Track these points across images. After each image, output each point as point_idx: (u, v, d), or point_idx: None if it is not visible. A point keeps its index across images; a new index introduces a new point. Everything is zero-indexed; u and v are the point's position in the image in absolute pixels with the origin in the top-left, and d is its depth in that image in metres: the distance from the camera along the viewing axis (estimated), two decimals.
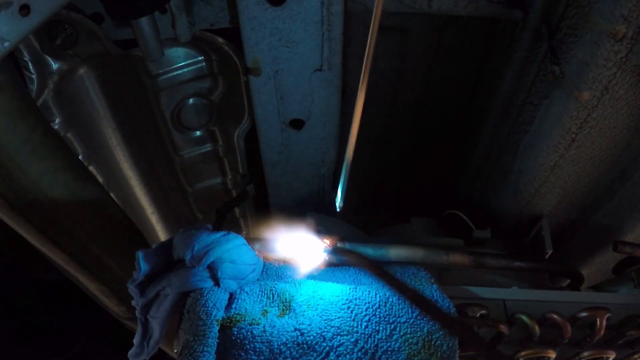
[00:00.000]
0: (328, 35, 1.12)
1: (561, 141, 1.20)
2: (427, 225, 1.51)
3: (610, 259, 1.28)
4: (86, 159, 1.36)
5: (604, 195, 1.26)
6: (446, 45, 1.39)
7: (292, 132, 1.34)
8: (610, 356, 1.00)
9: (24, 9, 0.70)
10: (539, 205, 1.42)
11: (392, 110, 1.59)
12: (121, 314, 1.32)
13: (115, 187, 1.54)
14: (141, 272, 0.88)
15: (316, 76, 1.20)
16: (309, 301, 0.90)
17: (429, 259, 1.04)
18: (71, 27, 1.08)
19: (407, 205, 2.02)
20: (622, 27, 0.95)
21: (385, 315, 0.87)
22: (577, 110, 1.12)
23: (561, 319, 0.90)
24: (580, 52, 1.04)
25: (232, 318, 0.86)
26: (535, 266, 1.19)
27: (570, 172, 1.28)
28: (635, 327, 0.95)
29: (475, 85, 1.49)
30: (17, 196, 0.89)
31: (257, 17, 1.05)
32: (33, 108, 0.89)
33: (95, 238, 1.08)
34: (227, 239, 0.89)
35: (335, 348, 0.83)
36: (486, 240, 1.48)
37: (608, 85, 1.04)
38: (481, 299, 0.94)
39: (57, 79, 1.16)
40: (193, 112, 1.47)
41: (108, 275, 1.16)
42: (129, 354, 0.91)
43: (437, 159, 1.83)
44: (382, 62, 1.42)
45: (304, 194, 1.56)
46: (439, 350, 0.84)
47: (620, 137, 1.15)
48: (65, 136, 1.26)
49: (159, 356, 1.24)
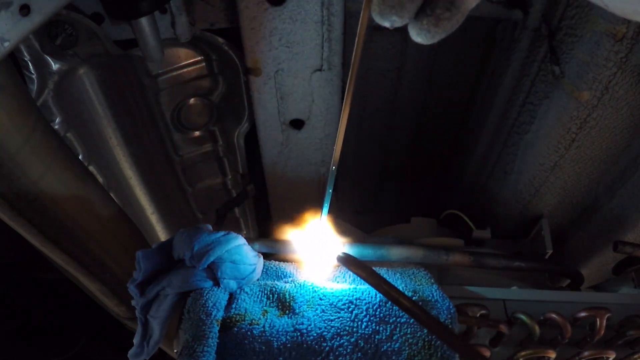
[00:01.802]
0: (328, 35, 1.12)
1: (561, 141, 1.20)
2: (427, 225, 1.51)
3: (610, 259, 1.28)
4: (86, 159, 1.36)
5: (604, 195, 1.26)
6: (446, 46, 1.39)
7: (292, 132, 1.34)
8: (610, 356, 1.00)
9: (24, 9, 0.70)
10: (539, 205, 1.42)
11: (392, 110, 1.59)
12: (121, 314, 1.32)
13: (115, 187, 1.54)
14: (141, 272, 0.88)
15: (316, 76, 1.20)
16: (309, 301, 0.90)
17: (429, 259, 1.04)
18: (71, 27, 1.08)
19: (407, 205, 2.02)
20: (622, 27, 0.95)
21: (385, 316, 0.87)
22: (577, 110, 1.12)
23: (561, 319, 0.90)
24: (580, 52, 1.04)
25: (232, 318, 0.86)
26: (535, 266, 1.19)
27: (570, 172, 1.28)
28: (635, 327, 0.95)
29: (475, 85, 1.49)
30: (17, 196, 0.89)
31: (257, 17, 1.05)
32: (33, 108, 0.89)
33: (95, 238, 1.08)
34: (227, 239, 0.89)
35: (335, 348, 0.83)
36: (486, 240, 1.48)
37: (608, 85, 1.04)
38: (481, 299, 0.94)
39: (57, 79, 1.16)
40: (193, 112, 1.47)
41: (108, 275, 1.16)
42: (129, 354, 0.91)
43: (437, 159, 1.83)
44: (382, 62, 1.42)
45: (304, 194, 1.56)
46: (439, 350, 0.84)
47: (620, 137, 1.15)
48: (65, 136, 1.26)
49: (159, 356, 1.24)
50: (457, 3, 0.51)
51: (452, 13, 0.51)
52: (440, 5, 0.51)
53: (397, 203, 2.06)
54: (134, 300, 0.90)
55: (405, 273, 0.99)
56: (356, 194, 1.94)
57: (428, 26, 0.52)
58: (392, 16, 0.52)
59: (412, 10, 0.52)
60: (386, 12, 0.52)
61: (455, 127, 1.67)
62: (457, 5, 0.51)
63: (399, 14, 0.52)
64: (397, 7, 0.51)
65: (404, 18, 0.52)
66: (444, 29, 0.52)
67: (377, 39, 1.34)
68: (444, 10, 0.51)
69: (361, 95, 1.52)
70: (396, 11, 0.51)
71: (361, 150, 1.76)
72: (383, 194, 2.01)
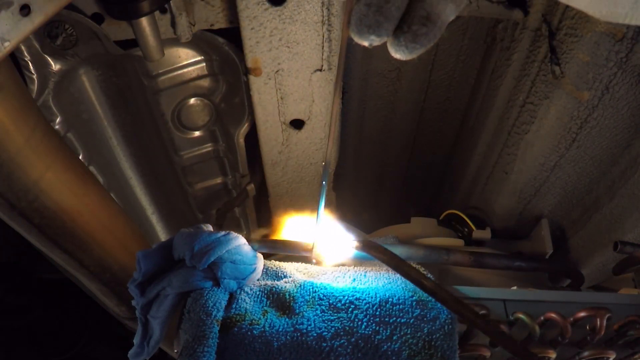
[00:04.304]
0: (328, 35, 1.12)
1: (561, 141, 1.20)
2: (427, 225, 1.51)
3: (610, 259, 1.28)
4: (86, 159, 1.36)
5: (604, 195, 1.26)
6: (446, 45, 1.39)
7: (292, 132, 1.34)
8: (610, 356, 1.00)
9: (24, 9, 0.70)
10: (539, 205, 1.42)
11: (392, 110, 1.59)
12: (121, 314, 1.32)
13: (116, 187, 1.54)
14: (141, 272, 0.88)
15: (316, 76, 1.20)
16: (309, 301, 0.90)
17: (429, 259, 1.04)
18: (71, 27, 1.08)
19: (407, 205, 2.02)
20: (622, 27, 0.95)
21: (385, 316, 0.87)
22: (577, 110, 1.12)
23: (561, 319, 0.90)
24: (581, 52, 1.04)
25: (232, 318, 0.86)
26: (535, 266, 1.19)
27: (571, 172, 1.28)
28: (635, 327, 0.95)
29: (475, 85, 1.49)
30: (17, 196, 0.89)
31: (257, 17, 1.05)
32: (33, 108, 0.89)
33: (95, 238, 1.08)
34: (227, 239, 0.89)
35: (335, 348, 0.83)
36: (486, 240, 1.48)
37: (608, 85, 1.04)
38: (481, 299, 0.94)
39: (57, 79, 1.16)
40: (193, 112, 1.47)
41: (108, 275, 1.16)
42: (129, 354, 0.91)
43: (437, 158, 1.83)
44: (382, 62, 1.42)
45: (304, 194, 1.56)
46: (439, 350, 0.84)
47: (620, 137, 1.15)
48: (65, 136, 1.26)
49: (159, 356, 1.24)
50: (433, 18, 0.51)
51: (429, 28, 0.51)
52: (416, 22, 0.51)
53: (397, 203, 2.06)
54: (134, 300, 0.90)
55: None
56: (356, 194, 1.94)
57: (406, 42, 0.53)
58: (370, 35, 0.53)
59: (389, 29, 0.52)
60: (364, 32, 0.53)
61: (455, 127, 1.67)
62: (433, 21, 0.51)
63: (377, 33, 0.52)
64: (374, 26, 0.52)
65: (381, 37, 0.53)
66: (421, 44, 0.53)
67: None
68: (420, 26, 0.51)
69: (361, 96, 1.52)
70: (373, 30, 0.52)
71: (361, 150, 1.76)
72: (383, 194, 2.01)
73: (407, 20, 0.52)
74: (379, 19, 0.51)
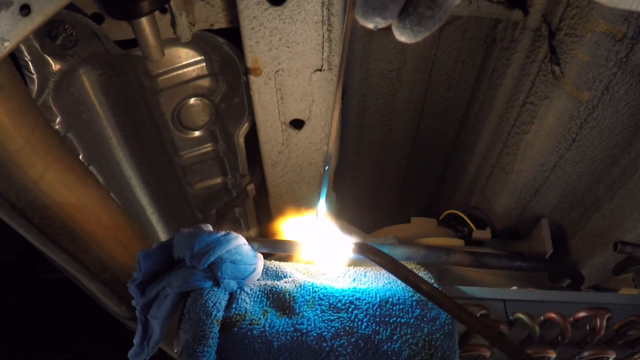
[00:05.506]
0: (328, 35, 1.12)
1: (561, 141, 1.20)
2: (427, 225, 1.51)
3: (610, 259, 1.28)
4: (86, 159, 1.36)
5: (604, 195, 1.26)
6: (446, 45, 1.39)
7: (292, 132, 1.34)
8: (610, 356, 1.00)
9: (24, 9, 0.70)
10: (538, 205, 1.42)
11: (392, 110, 1.59)
12: (121, 314, 1.32)
13: (116, 187, 1.54)
14: (141, 272, 0.88)
15: (316, 76, 1.20)
16: (309, 301, 0.90)
17: (429, 259, 1.04)
18: (71, 27, 1.08)
19: (407, 205, 2.02)
20: (622, 27, 0.95)
21: (385, 316, 0.87)
22: (577, 110, 1.12)
23: (561, 319, 0.90)
24: (581, 52, 1.04)
25: (232, 318, 0.86)
26: (535, 266, 1.20)
27: (570, 172, 1.28)
28: (635, 327, 0.95)
29: (475, 85, 1.50)
30: (17, 196, 0.89)
31: (257, 17, 1.05)
32: (33, 108, 0.89)
33: (95, 238, 1.08)
34: (227, 239, 0.89)
35: (335, 348, 0.83)
36: (486, 240, 1.48)
37: (608, 85, 1.04)
38: (481, 299, 0.94)
39: (57, 79, 1.16)
40: (193, 112, 1.47)
41: (108, 275, 1.16)
42: (129, 354, 0.91)
43: (437, 158, 1.83)
44: (382, 62, 1.42)
45: (304, 194, 1.56)
46: (439, 350, 0.84)
47: (620, 137, 1.15)
48: (65, 136, 1.26)
49: (159, 356, 1.24)
50: (439, 1, 0.51)
51: (434, 11, 0.51)
52: (422, 4, 0.51)
53: (397, 203, 2.06)
54: (134, 300, 0.90)
55: None
56: (356, 194, 1.94)
57: (411, 25, 0.53)
58: (375, 17, 0.52)
59: (394, 11, 0.52)
60: (369, 14, 0.52)
61: (455, 127, 1.67)
62: (439, 4, 0.51)
63: (382, 15, 0.52)
64: (380, 8, 0.51)
65: (387, 19, 0.53)
66: (426, 27, 0.53)
67: (377, 39, 1.34)
68: (425, 9, 0.51)
69: (361, 96, 1.52)
70: (379, 12, 0.52)
71: (361, 150, 1.76)
72: (383, 194, 2.01)
73: (412, 2, 0.52)
74: (385, 1, 0.51)
